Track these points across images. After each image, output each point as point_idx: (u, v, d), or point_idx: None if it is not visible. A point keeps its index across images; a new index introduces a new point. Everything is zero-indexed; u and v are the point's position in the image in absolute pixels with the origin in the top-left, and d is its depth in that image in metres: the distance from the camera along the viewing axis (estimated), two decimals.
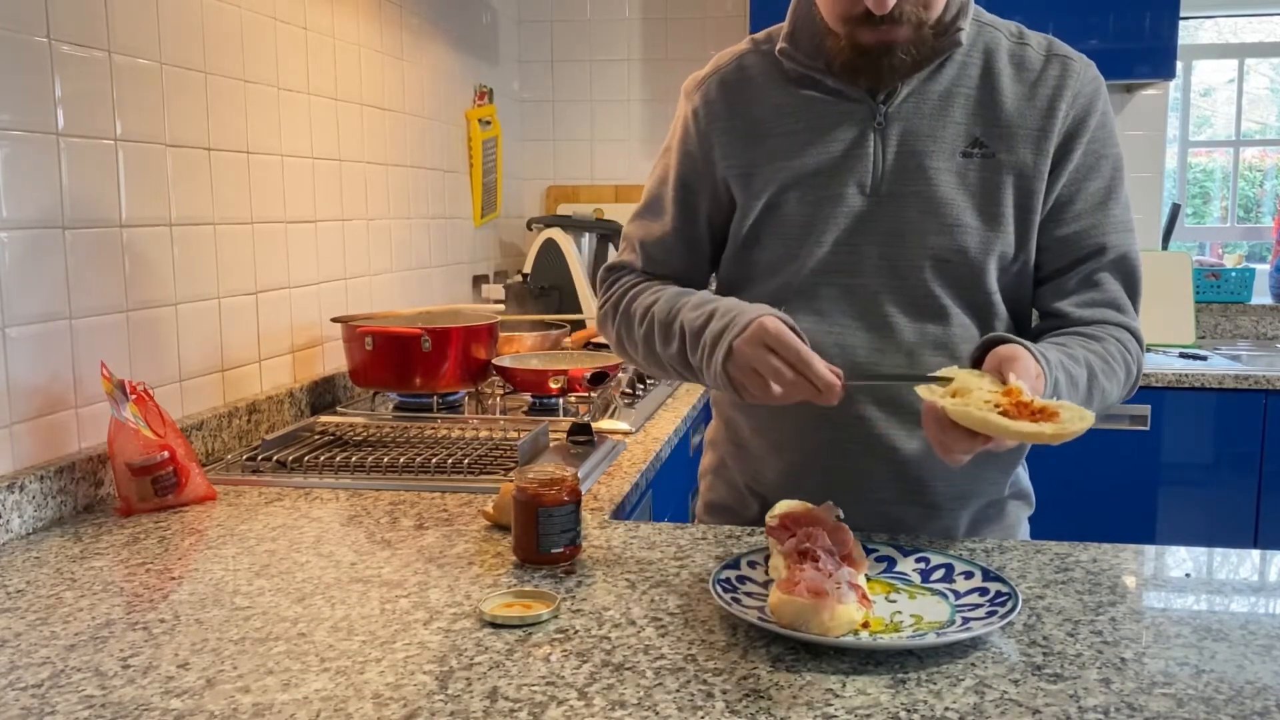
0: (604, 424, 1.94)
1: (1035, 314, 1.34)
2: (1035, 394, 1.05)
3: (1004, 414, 0.99)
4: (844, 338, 1.26)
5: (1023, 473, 1.41)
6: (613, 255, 3.23)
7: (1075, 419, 0.98)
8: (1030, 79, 1.26)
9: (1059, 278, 1.28)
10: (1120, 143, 1.30)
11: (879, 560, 1.15)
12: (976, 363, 1.14)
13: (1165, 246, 3.48)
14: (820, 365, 1.09)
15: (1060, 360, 1.15)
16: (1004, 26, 1.30)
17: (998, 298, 1.27)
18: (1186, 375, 2.89)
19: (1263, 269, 3.57)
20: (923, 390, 1.06)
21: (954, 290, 1.26)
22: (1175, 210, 3.49)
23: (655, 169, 1.42)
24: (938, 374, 1.09)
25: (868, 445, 1.27)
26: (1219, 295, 3.49)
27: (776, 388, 1.10)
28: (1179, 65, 3.25)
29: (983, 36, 1.28)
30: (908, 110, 1.25)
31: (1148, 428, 2.93)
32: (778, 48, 1.30)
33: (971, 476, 1.30)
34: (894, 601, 1.06)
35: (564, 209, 3.58)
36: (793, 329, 1.13)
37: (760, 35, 1.36)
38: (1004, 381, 1.05)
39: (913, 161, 1.25)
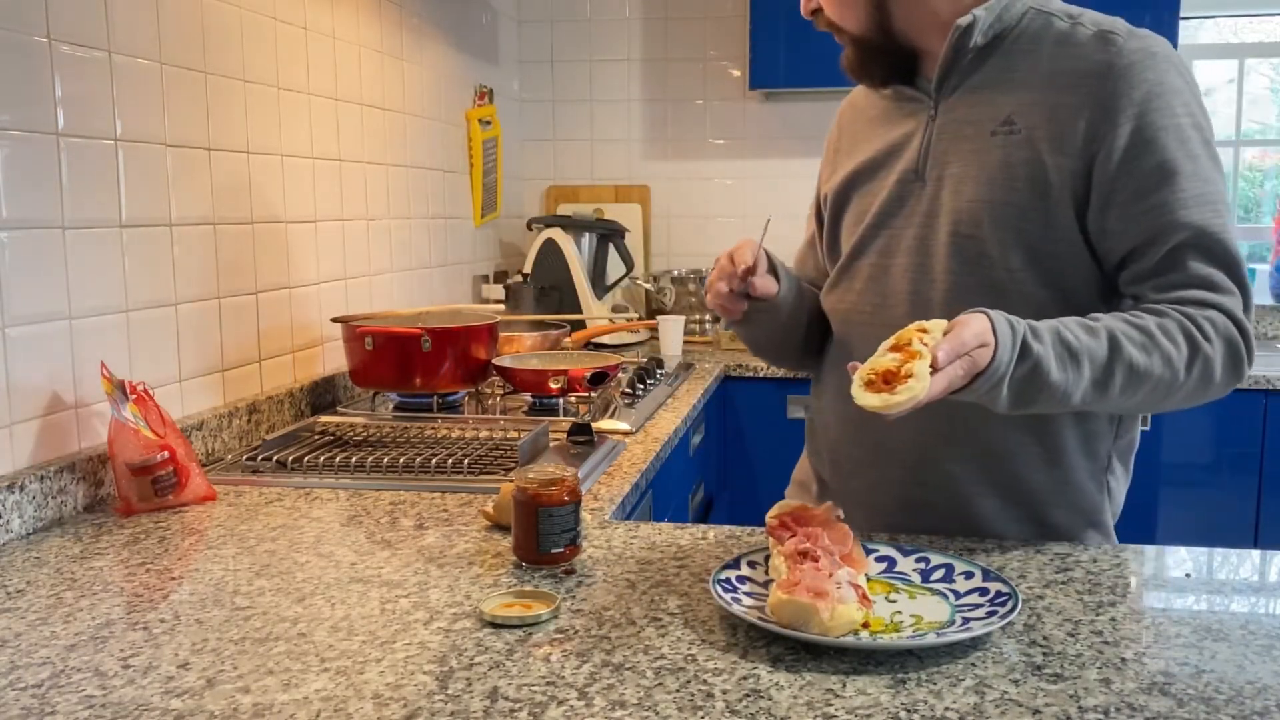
0: (604, 424, 1.94)
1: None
2: (952, 344, 1.02)
3: (869, 384, 1.02)
4: (881, 315, 1.32)
5: (1105, 505, 1.32)
6: (613, 256, 3.22)
7: (905, 391, 0.98)
8: (1072, 54, 1.23)
9: (1133, 263, 1.20)
10: (1197, 111, 1.20)
11: (879, 560, 1.15)
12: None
13: None
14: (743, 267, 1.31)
15: (1055, 329, 1.09)
16: (1061, 10, 1.28)
17: (1022, 275, 1.23)
18: None
19: (1263, 269, 3.57)
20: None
21: (971, 268, 1.25)
22: None
23: None
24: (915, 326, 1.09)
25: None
26: None
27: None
28: None
29: (1035, 22, 1.27)
30: (955, 98, 1.30)
31: (1148, 428, 2.92)
32: None
33: (1063, 479, 1.28)
34: (894, 601, 1.06)
35: (564, 209, 3.58)
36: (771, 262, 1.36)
37: None
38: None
39: (950, 145, 1.29)
